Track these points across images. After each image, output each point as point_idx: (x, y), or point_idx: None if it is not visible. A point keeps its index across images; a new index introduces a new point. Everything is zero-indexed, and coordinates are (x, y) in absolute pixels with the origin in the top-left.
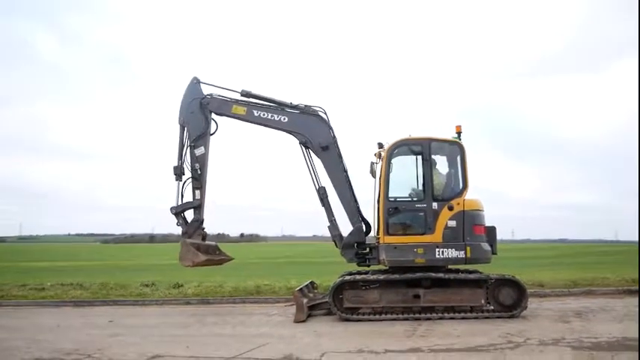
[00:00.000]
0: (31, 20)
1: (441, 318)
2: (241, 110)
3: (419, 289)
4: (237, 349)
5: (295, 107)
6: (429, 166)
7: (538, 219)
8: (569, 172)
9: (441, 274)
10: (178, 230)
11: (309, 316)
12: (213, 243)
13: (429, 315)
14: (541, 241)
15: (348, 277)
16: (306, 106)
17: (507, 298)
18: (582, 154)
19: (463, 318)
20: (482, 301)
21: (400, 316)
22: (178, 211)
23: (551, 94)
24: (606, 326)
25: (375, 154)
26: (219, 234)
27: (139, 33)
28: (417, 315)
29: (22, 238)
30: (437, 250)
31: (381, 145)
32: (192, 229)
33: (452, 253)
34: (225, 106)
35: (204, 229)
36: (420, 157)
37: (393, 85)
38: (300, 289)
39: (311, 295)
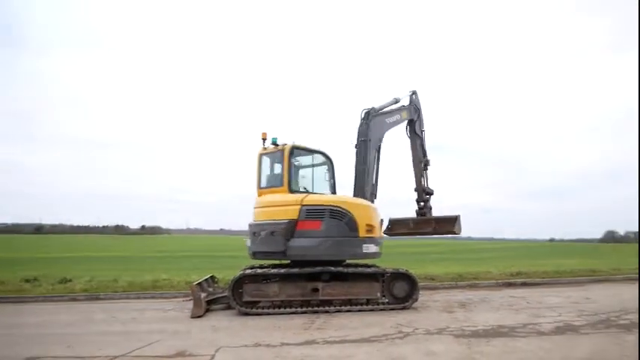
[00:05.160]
0: None
1: (338, 311)
2: None
3: (318, 283)
4: (126, 346)
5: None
6: None
7: None
8: (476, 173)
9: (340, 268)
10: (69, 221)
11: (208, 310)
12: None
13: (327, 308)
14: (442, 238)
15: (248, 271)
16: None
17: (401, 290)
18: (487, 155)
19: (360, 310)
20: (378, 294)
21: (299, 309)
22: None
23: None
24: (485, 315)
25: None
26: (117, 225)
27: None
28: (316, 308)
29: None
30: None
31: None
32: None
33: None
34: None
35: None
36: None
37: (355, 81)
38: (199, 283)
39: (210, 289)
